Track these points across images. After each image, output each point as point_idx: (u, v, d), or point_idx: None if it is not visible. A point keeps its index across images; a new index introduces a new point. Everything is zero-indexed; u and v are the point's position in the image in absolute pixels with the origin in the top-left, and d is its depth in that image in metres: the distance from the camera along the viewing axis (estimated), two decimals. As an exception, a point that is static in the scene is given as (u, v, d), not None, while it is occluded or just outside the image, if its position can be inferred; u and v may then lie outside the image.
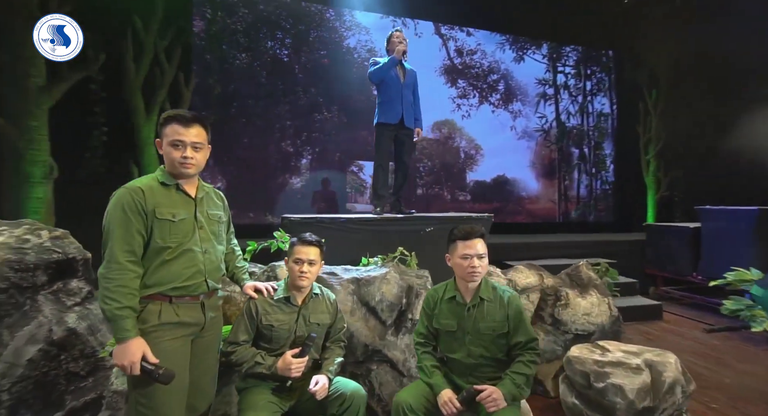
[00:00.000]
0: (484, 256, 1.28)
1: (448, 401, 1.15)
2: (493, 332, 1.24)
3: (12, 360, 1.15)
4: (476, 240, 1.30)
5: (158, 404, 1.04)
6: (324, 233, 2.48)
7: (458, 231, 1.34)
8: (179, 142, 1.14)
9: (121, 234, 1.05)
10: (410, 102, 2.92)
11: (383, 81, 2.80)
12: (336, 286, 1.71)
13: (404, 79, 2.90)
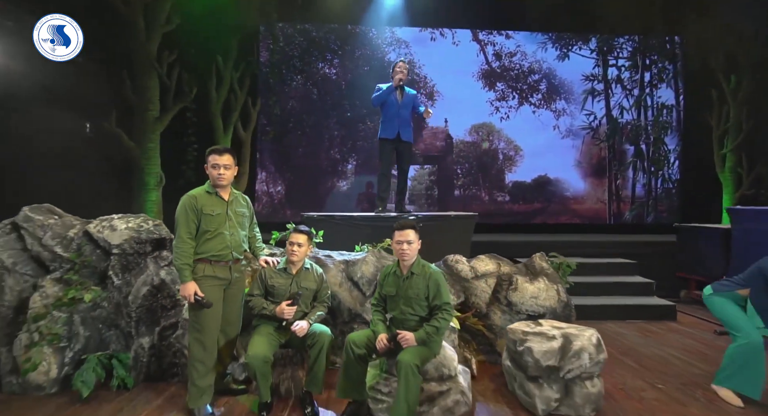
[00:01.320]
0: (413, 242, 1.80)
1: (382, 339, 1.71)
2: (417, 297, 1.76)
3: (135, 294, 2.05)
4: (408, 231, 1.82)
5: (202, 323, 1.77)
6: (336, 227, 3.16)
7: (396, 224, 1.88)
8: (216, 165, 1.88)
9: (184, 223, 1.75)
10: (407, 119, 3.42)
11: (384, 103, 3.36)
12: (330, 265, 2.36)
13: (401, 100, 3.41)
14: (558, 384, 1.81)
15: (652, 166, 7.64)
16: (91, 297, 2.06)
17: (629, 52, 7.59)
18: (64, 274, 2.12)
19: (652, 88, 7.60)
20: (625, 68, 7.57)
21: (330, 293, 2.16)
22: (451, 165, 7.41)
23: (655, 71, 7.60)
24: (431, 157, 7.41)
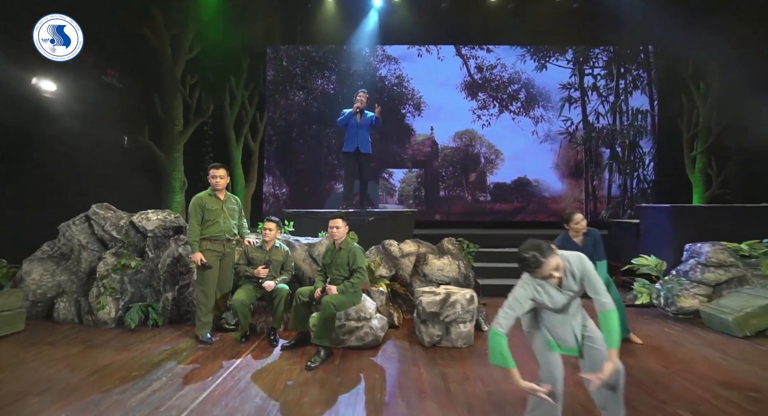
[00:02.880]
0: (340, 228, 2.67)
1: (317, 290, 2.62)
2: (343, 264, 2.65)
3: (162, 263, 3.07)
4: (337, 219, 2.69)
5: (205, 279, 2.76)
6: (307, 220, 4.06)
7: (330, 214, 2.77)
8: (214, 176, 2.84)
9: (193, 214, 2.76)
10: (365, 136, 4.30)
11: (347, 124, 4.26)
12: (297, 247, 3.29)
13: (360, 122, 4.28)
14: (440, 325, 2.66)
15: (628, 168, 8.15)
16: (134, 264, 3.09)
17: (604, 62, 8.14)
18: (117, 250, 3.16)
19: (626, 95, 8.12)
20: (601, 77, 8.13)
21: (294, 265, 3.09)
22: (436, 168, 8.21)
23: (630, 79, 8.11)
24: (418, 162, 8.23)
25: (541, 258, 1.36)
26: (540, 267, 1.37)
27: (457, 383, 2.14)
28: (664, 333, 2.98)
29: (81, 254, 3.18)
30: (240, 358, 2.49)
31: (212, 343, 2.72)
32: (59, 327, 3.06)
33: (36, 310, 3.15)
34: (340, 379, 2.18)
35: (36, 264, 3.20)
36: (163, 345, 2.68)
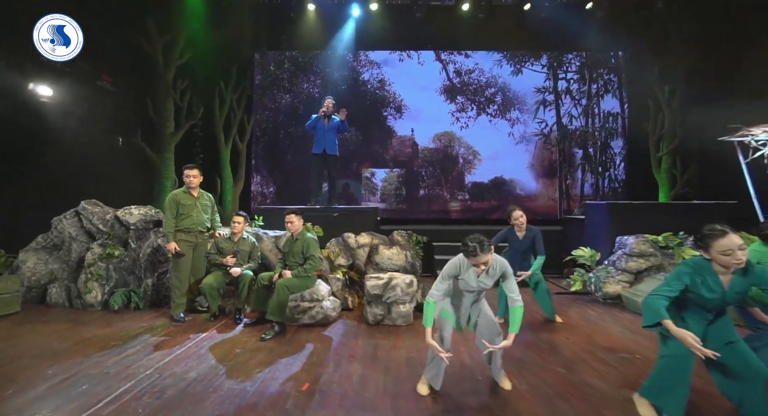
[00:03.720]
0: (294, 222, 3.05)
1: (275, 275, 3.01)
2: (298, 252, 3.03)
3: (143, 253, 3.46)
4: (291, 215, 3.07)
5: (179, 265, 3.14)
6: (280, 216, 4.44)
7: (286, 210, 3.16)
8: (188, 175, 3.23)
9: (169, 208, 3.15)
10: (332, 139, 4.67)
11: (315, 128, 4.64)
12: (265, 239, 3.68)
13: (327, 126, 4.66)
14: (382, 305, 3.05)
15: (600, 168, 8.51)
16: (118, 254, 3.48)
17: (577, 67, 8.50)
18: (104, 241, 3.56)
19: (598, 98, 8.48)
20: (574, 81, 8.49)
21: (260, 254, 3.48)
22: (417, 168, 8.58)
23: (602, 83, 8.48)
24: (399, 162, 8.60)
25: (478, 251, 1.75)
26: (475, 256, 1.76)
27: (384, 351, 2.53)
28: (586, 314, 3.37)
29: (71, 245, 3.58)
30: (206, 332, 2.88)
31: (185, 321, 3.11)
32: (51, 309, 3.45)
33: (31, 295, 3.55)
34: (286, 348, 2.57)
35: (31, 254, 3.60)
36: (141, 323, 3.08)
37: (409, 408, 1.81)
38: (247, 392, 1.95)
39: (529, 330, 2.94)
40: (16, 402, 1.82)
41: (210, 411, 1.76)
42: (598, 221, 4.25)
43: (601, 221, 4.23)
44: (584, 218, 4.65)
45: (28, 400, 1.84)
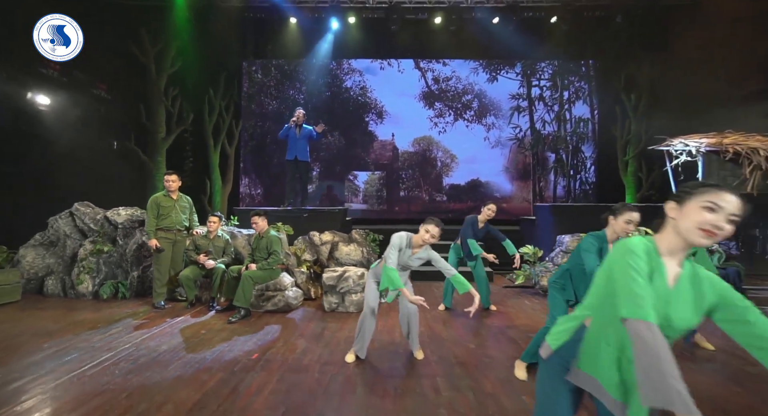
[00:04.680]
0: (259, 223, 3.49)
1: (242, 269, 3.46)
2: (263, 248, 3.47)
3: (129, 249, 3.91)
4: (254, 217, 3.51)
5: (160, 259, 3.56)
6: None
7: (252, 212, 3.60)
8: (167, 180, 3.67)
9: (150, 209, 3.57)
10: (303, 147, 5.11)
11: (287, 136, 5.08)
12: (239, 237, 4.13)
13: (299, 134, 5.10)
14: (336, 295, 3.49)
15: (571, 171, 8.95)
16: (107, 250, 3.92)
17: (550, 74, 8.94)
18: (94, 238, 4.00)
19: (570, 104, 8.92)
20: (547, 88, 8.93)
21: (234, 250, 3.93)
22: (397, 171, 9.02)
23: (573, 90, 8.92)
24: (380, 165, 9.04)
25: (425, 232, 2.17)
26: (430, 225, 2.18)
27: (331, 332, 2.97)
28: (522, 304, 3.81)
29: (66, 242, 4.02)
30: (182, 317, 3.32)
31: (164, 308, 3.56)
32: (48, 298, 3.90)
33: (30, 286, 3.99)
34: (247, 329, 3.01)
35: (30, 250, 4.04)
36: (126, 309, 3.52)
37: (333, 371, 2.25)
38: (206, 359, 2.39)
39: (462, 316, 3.38)
40: (17, 366, 2.26)
41: (173, 373, 2.20)
42: (545, 221, 4.70)
43: (546, 221, 4.67)
44: (535, 219, 5.09)
45: (27, 365, 2.28)
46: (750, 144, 3.33)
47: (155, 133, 7.55)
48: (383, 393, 1.97)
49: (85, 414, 1.77)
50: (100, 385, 2.04)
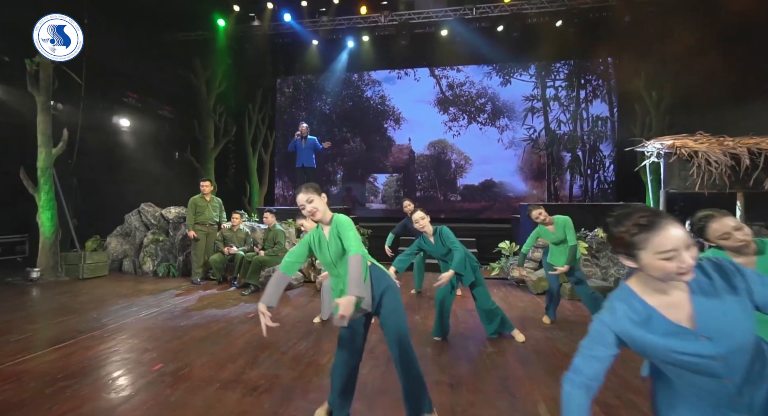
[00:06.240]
0: (268, 218, 4.42)
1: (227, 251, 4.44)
2: (272, 239, 4.41)
3: (177, 239, 5.12)
4: (266, 213, 4.45)
5: (196, 248, 4.68)
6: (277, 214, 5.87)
7: (265, 210, 4.54)
8: (203, 185, 4.77)
9: (190, 208, 4.67)
10: (309, 155, 5.98)
11: (295, 148, 6.00)
12: (258, 230, 5.14)
13: (305, 145, 5.99)
14: (326, 277, 4.33)
15: (588, 170, 8.89)
16: (162, 239, 5.16)
17: (565, 74, 8.96)
18: (154, 230, 5.28)
19: (587, 103, 8.87)
20: (562, 88, 8.96)
21: (253, 240, 4.95)
22: (413, 173, 9.65)
23: (590, 89, 8.84)
24: (398, 168, 9.75)
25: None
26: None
27: (314, 304, 3.80)
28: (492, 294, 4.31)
29: (135, 233, 5.36)
30: (210, 290, 4.39)
31: (199, 284, 4.67)
32: (124, 274, 5.25)
33: (113, 265, 5.38)
34: (253, 299, 3.96)
35: (113, 238, 5.44)
36: (173, 283, 4.69)
37: (301, 326, 3.07)
38: (216, 315, 3.36)
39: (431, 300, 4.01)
40: (105, 312, 3.41)
41: (193, 322, 3.18)
42: (526, 219, 5.08)
43: (527, 219, 5.04)
44: (519, 217, 5.46)
45: (109, 312, 3.42)
46: (695, 146, 3.48)
47: (206, 145, 9.02)
48: (332, 336, 2.75)
49: (138, 338, 2.79)
50: (148, 325, 3.09)
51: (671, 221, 0.84)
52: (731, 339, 0.84)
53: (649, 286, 0.90)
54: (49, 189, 4.84)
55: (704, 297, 0.86)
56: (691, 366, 0.85)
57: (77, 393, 1.97)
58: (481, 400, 1.95)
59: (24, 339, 2.74)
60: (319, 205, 1.71)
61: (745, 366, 0.86)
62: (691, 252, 0.83)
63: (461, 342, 2.79)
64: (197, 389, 2.02)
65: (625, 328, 0.89)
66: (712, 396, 0.88)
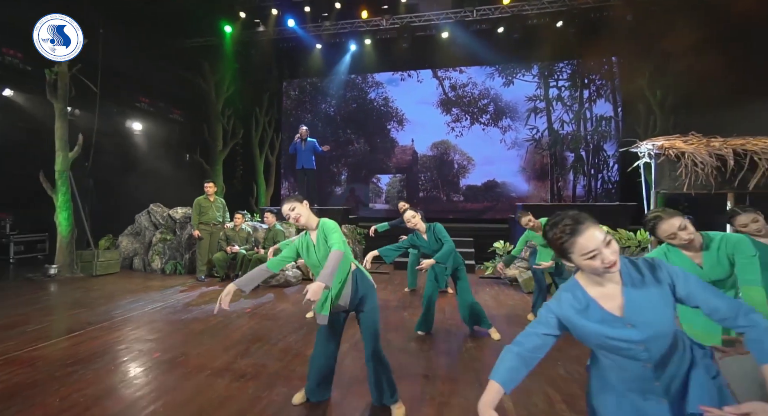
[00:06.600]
0: (269, 218, 4.62)
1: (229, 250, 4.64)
2: (271, 237, 4.61)
3: (184, 237, 5.37)
4: (267, 213, 4.64)
5: (201, 247, 4.91)
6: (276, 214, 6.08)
7: (265, 210, 4.73)
8: (206, 187, 5.01)
9: (195, 208, 4.92)
10: (309, 157, 6.15)
11: (296, 150, 6.18)
12: (259, 230, 5.35)
13: (304, 147, 6.16)
14: (322, 275, 4.50)
15: (592, 170, 8.84)
16: (170, 238, 5.42)
17: (568, 74, 8.93)
18: (162, 230, 5.55)
19: (590, 103, 8.82)
20: (565, 88, 8.93)
21: (254, 239, 5.16)
22: (416, 174, 9.76)
23: (594, 88, 8.79)
24: (401, 168, 9.87)
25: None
26: None
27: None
28: (481, 290, 4.41)
29: (145, 232, 5.65)
30: (212, 286, 4.61)
31: (203, 281, 4.90)
32: (134, 271, 5.53)
33: (124, 263, 5.67)
34: (252, 295, 4.16)
35: (124, 237, 5.74)
36: (179, 280, 4.93)
37: (293, 321, 3.24)
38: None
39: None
40: (114, 306, 3.65)
41: (192, 315, 3.39)
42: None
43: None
44: (514, 217, 5.52)
45: (118, 306, 3.66)
46: (682, 147, 3.49)
47: (215, 147, 9.31)
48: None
49: (141, 329, 3.00)
50: (152, 318, 3.31)
51: (590, 224, 0.95)
52: (651, 327, 0.95)
53: (590, 279, 1.02)
54: (66, 191, 5.15)
55: (633, 289, 0.98)
56: (619, 350, 0.97)
57: (83, 377, 2.18)
58: (452, 390, 2.07)
59: (40, 329, 2.99)
60: (302, 211, 1.81)
61: (663, 352, 0.97)
62: (611, 248, 0.94)
63: (444, 337, 2.91)
64: (189, 375, 2.21)
65: (567, 314, 1.01)
66: (636, 381, 0.99)
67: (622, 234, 4.38)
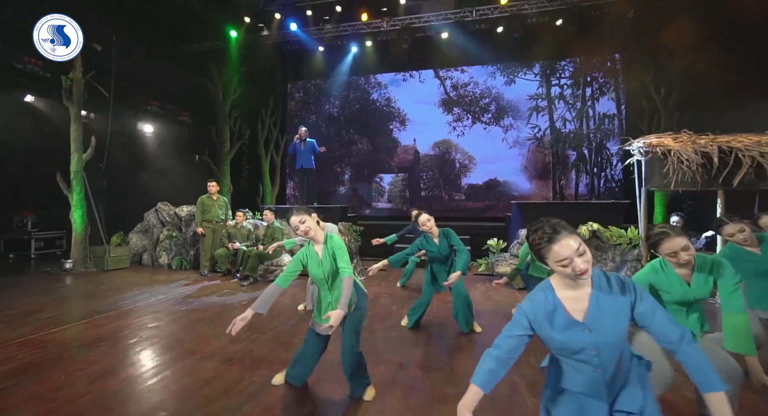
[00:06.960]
0: (268, 215, 4.80)
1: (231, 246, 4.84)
2: (270, 235, 4.79)
3: (189, 234, 5.62)
4: (266, 211, 4.83)
5: (204, 243, 5.15)
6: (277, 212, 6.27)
7: (264, 207, 4.92)
8: (209, 186, 5.24)
9: (198, 207, 5.17)
10: (308, 157, 6.32)
11: (295, 150, 6.36)
12: (260, 227, 5.56)
13: (303, 147, 6.33)
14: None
15: (595, 168, 8.79)
16: (176, 235, 5.68)
17: (571, 72, 8.89)
18: (169, 227, 5.81)
19: (593, 101, 8.76)
20: (567, 86, 8.90)
21: (255, 236, 5.37)
22: (418, 173, 9.86)
23: (597, 86, 8.73)
24: (403, 168, 9.98)
25: None
26: None
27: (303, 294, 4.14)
28: (474, 287, 4.51)
29: (153, 229, 5.93)
30: (214, 281, 4.83)
31: (207, 276, 5.13)
32: (143, 267, 5.81)
33: (134, 259, 5.96)
34: (250, 289, 4.35)
35: (134, 234, 6.03)
36: (184, 275, 5.18)
37: (286, 314, 3.41)
38: (214, 303, 3.76)
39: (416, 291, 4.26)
40: (122, 297, 3.90)
41: (193, 307, 3.60)
42: (515, 217, 5.21)
43: (515, 217, 5.18)
44: (511, 215, 5.58)
45: (125, 298, 3.91)
46: (669, 145, 3.51)
47: (222, 148, 9.60)
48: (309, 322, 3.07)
49: (144, 318, 3.22)
50: (155, 309, 3.53)
51: (568, 234, 1.02)
52: (606, 334, 1.03)
53: (564, 282, 1.09)
54: (80, 190, 5.46)
55: (601, 294, 1.06)
56: (574, 354, 1.06)
57: (87, 358, 2.39)
58: (422, 376, 2.20)
59: (53, 317, 3.24)
60: (312, 224, 1.83)
61: (613, 362, 1.05)
62: (584, 258, 1.01)
63: (426, 330, 3.03)
64: (180, 358, 2.39)
65: (536, 315, 1.08)
66: (587, 386, 1.07)
67: (613, 232, 4.41)
